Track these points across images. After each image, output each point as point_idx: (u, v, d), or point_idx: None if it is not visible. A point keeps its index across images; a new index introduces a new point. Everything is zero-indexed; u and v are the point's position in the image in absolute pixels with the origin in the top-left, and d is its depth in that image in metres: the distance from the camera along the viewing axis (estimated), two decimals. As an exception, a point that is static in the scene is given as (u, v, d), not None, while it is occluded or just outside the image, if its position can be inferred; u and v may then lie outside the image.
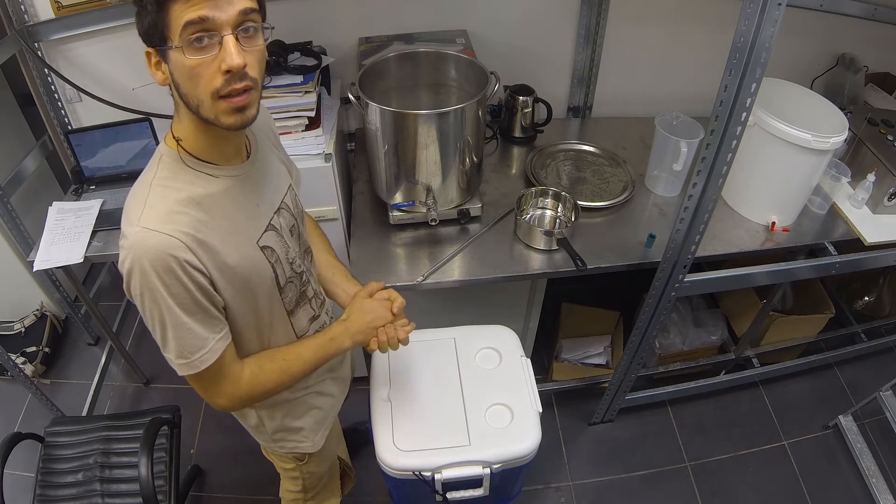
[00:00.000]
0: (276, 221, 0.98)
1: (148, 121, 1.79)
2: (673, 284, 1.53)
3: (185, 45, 0.73)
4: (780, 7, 1.00)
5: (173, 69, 0.77)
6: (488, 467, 1.26)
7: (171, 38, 0.73)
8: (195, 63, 0.74)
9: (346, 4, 1.83)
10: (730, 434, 2.08)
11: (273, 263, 0.96)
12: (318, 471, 1.36)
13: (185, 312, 0.83)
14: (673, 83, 2.11)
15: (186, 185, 0.84)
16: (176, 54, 0.74)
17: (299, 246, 1.06)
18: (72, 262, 1.59)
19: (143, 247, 0.78)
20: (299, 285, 1.06)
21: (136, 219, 0.79)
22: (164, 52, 0.75)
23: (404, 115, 1.43)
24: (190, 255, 0.81)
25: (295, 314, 1.07)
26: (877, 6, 1.84)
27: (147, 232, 0.78)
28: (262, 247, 0.93)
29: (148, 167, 0.86)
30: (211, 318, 0.88)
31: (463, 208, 1.63)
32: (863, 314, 2.39)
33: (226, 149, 0.88)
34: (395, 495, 1.45)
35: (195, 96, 0.77)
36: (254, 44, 0.78)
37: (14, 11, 1.68)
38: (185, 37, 0.72)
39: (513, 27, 1.95)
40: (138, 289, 0.81)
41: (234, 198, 0.89)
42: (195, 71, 0.75)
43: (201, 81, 0.76)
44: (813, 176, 1.61)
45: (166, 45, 0.74)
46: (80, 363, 2.29)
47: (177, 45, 0.73)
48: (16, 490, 1.72)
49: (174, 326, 0.84)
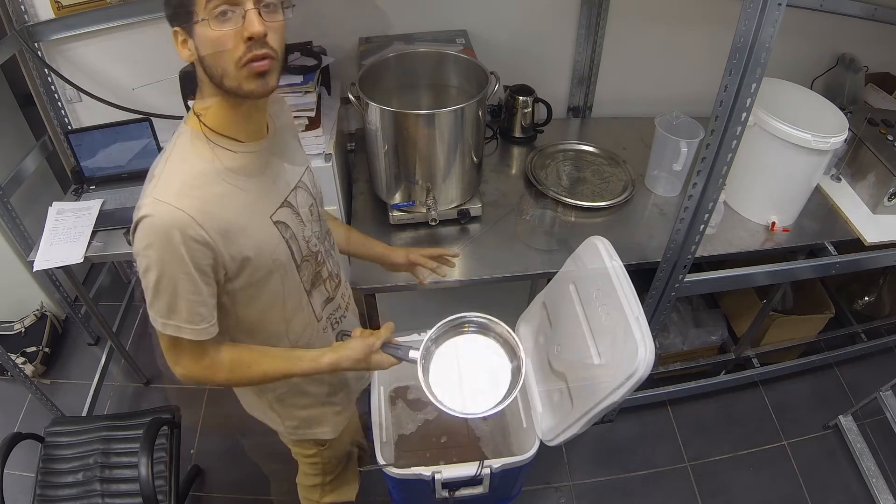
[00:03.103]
0: (293, 199, 1.00)
1: (148, 121, 1.79)
2: (673, 284, 1.53)
3: (211, 17, 0.78)
4: (780, 7, 1.00)
5: (199, 43, 0.81)
6: (488, 467, 1.27)
7: (196, 13, 0.79)
8: (220, 34, 0.79)
9: (346, 4, 1.83)
10: (730, 434, 2.08)
11: (287, 239, 0.98)
12: (336, 455, 1.38)
13: (182, 284, 0.86)
14: (673, 83, 2.11)
15: (203, 159, 0.87)
16: (202, 27, 0.79)
17: (319, 227, 1.08)
18: (72, 262, 1.59)
19: (154, 218, 0.81)
20: (314, 265, 1.07)
21: (151, 190, 0.84)
22: (190, 28, 0.80)
23: (404, 115, 1.43)
24: (198, 232, 0.83)
25: (312, 294, 1.08)
26: (877, 6, 1.84)
27: (159, 204, 0.81)
28: (275, 222, 0.96)
29: (166, 146, 0.90)
30: (206, 297, 0.89)
31: (463, 208, 1.63)
32: (863, 314, 2.39)
33: (246, 126, 0.91)
34: (395, 495, 1.45)
35: (219, 66, 0.82)
36: (275, 18, 0.83)
37: (14, 11, 1.68)
38: (210, 10, 0.78)
39: (513, 27, 1.95)
40: (146, 255, 0.84)
41: (250, 173, 0.92)
42: (220, 41, 0.80)
43: (225, 51, 0.81)
44: (813, 176, 1.61)
45: (192, 20, 0.79)
46: (80, 363, 2.28)
47: (202, 18, 0.79)
48: (16, 490, 1.72)
49: (168, 294, 0.86)
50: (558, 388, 1.30)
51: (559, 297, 1.35)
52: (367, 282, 1.50)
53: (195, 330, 0.90)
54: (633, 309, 1.11)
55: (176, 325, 0.88)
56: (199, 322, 0.89)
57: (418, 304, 2.01)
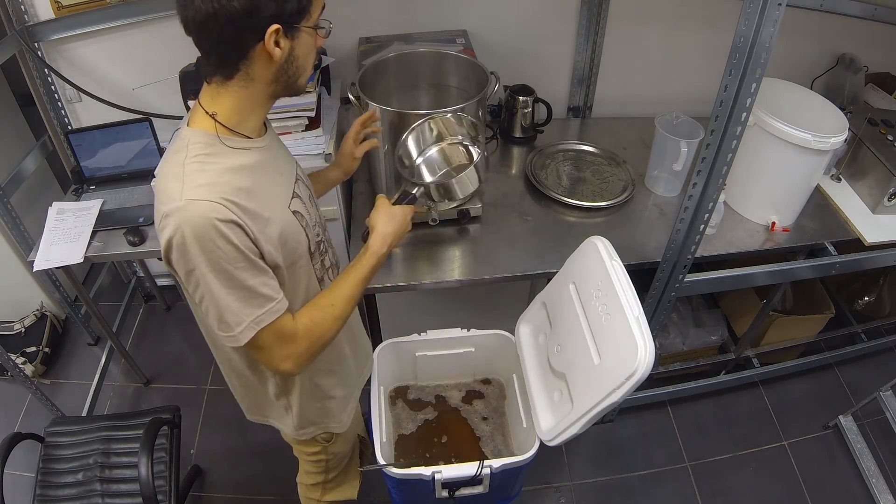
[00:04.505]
0: (298, 189, 1.03)
1: (148, 121, 1.78)
2: (673, 284, 1.53)
3: (318, 26, 0.88)
4: (780, 7, 1.00)
5: (298, 44, 0.86)
6: (488, 467, 1.27)
7: (311, 17, 0.86)
8: (320, 42, 0.91)
9: (347, 4, 1.83)
10: (730, 434, 2.08)
11: (304, 227, 1.00)
12: (342, 451, 1.38)
13: (240, 273, 0.84)
14: (673, 83, 2.11)
15: (221, 158, 0.87)
16: (308, 33, 0.87)
17: (318, 216, 1.10)
18: (71, 263, 1.59)
19: (190, 216, 0.79)
20: (320, 253, 1.09)
21: (178, 194, 0.81)
22: (297, 30, 0.85)
23: (404, 115, 1.43)
24: (237, 216, 0.82)
25: (323, 282, 1.09)
26: (877, 6, 1.84)
27: (192, 203, 0.80)
28: (293, 211, 0.98)
29: (172, 154, 0.89)
30: (267, 276, 0.89)
31: (463, 208, 1.63)
32: (863, 314, 2.39)
33: (258, 123, 0.94)
34: (394, 495, 1.45)
35: (305, 68, 0.91)
36: None
37: (14, 11, 1.68)
38: (318, 20, 0.88)
39: (513, 27, 1.95)
40: (190, 262, 0.82)
41: (265, 167, 0.94)
42: (315, 48, 0.90)
43: (312, 56, 0.91)
44: (813, 176, 1.61)
45: (305, 24, 0.85)
46: (80, 363, 2.29)
47: (314, 25, 0.87)
48: (16, 490, 1.72)
49: (231, 290, 0.85)
50: (558, 388, 1.30)
51: (559, 297, 1.35)
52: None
53: (270, 311, 0.89)
54: (633, 309, 1.11)
55: (261, 317, 0.88)
56: (267, 303, 0.88)
57: (418, 304, 2.01)
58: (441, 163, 1.41)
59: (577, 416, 1.19)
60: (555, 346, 1.33)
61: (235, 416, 1.31)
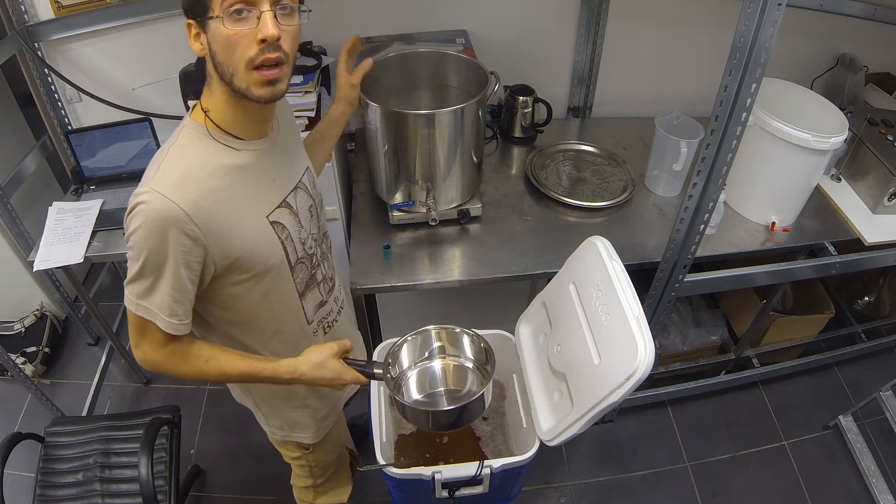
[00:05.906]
0: (292, 199, 1.00)
1: (148, 121, 1.79)
2: (673, 284, 1.53)
3: (225, 15, 0.78)
4: (780, 7, 1.00)
5: (211, 39, 0.81)
6: (488, 467, 1.27)
7: (212, 9, 0.79)
8: (232, 33, 0.79)
9: (346, 4, 1.83)
10: (730, 434, 2.08)
11: (283, 240, 0.97)
12: (324, 459, 1.37)
13: (166, 272, 0.85)
14: (673, 83, 2.11)
15: (204, 153, 0.87)
16: (216, 24, 0.79)
17: (317, 229, 1.08)
18: (71, 263, 1.59)
19: (149, 206, 0.81)
20: (309, 268, 1.06)
21: (149, 179, 0.83)
22: (205, 23, 0.80)
23: (404, 115, 1.43)
24: (191, 228, 0.83)
25: (305, 297, 1.07)
26: (877, 6, 1.84)
27: (155, 195, 0.81)
28: (272, 221, 0.95)
29: (170, 138, 0.89)
30: (180, 302, 0.88)
31: (463, 208, 1.63)
32: (863, 314, 2.39)
33: (251, 125, 0.91)
34: (394, 495, 1.45)
35: (230, 65, 0.81)
36: (290, 21, 0.84)
37: (14, 11, 1.68)
38: (226, 7, 0.78)
39: (513, 27, 1.95)
40: (135, 241, 0.83)
41: (251, 170, 0.92)
42: (232, 40, 0.80)
43: (237, 50, 0.80)
44: (813, 176, 1.61)
45: (207, 15, 0.79)
46: (80, 363, 2.28)
47: (217, 14, 0.79)
48: (16, 490, 1.72)
49: (150, 280, 0.85)
50: (558, 388, 1.30)
51: (559, 297, 1.35)
52: (367, 282, 1.50)
53: (168, 322, 0.88)
54: (633, 309, 1.11)
55: (148, 309, 0.87)
56: (172, 316, 0.88)
57: (418, 304, 2.01)
58: (434, 380, 1.22)
59: (577, 416, 1.19)
60: (555, 346, 1.33)
61: (235, 416, 1.31)
